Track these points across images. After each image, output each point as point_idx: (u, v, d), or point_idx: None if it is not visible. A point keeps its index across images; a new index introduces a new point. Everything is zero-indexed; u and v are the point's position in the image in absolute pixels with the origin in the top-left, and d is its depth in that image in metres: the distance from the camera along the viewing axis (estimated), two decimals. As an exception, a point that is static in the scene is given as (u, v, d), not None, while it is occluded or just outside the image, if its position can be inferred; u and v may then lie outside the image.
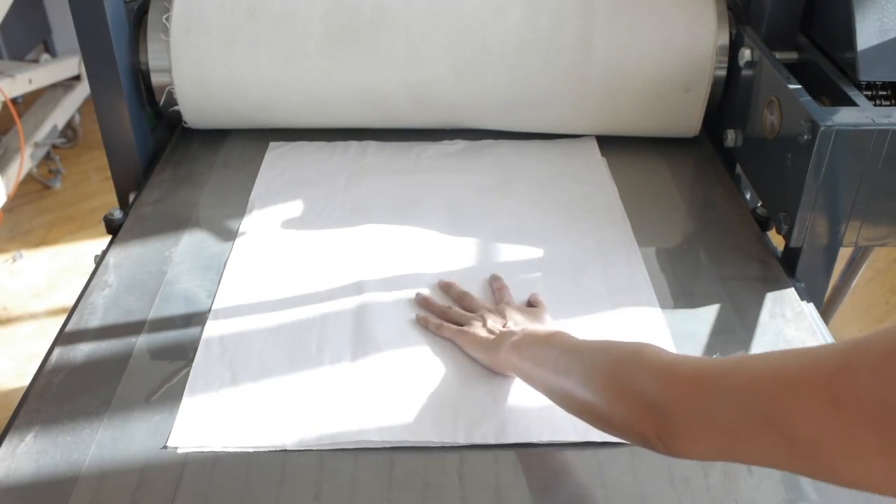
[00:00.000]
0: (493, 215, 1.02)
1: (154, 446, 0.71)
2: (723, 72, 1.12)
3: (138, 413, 0.74)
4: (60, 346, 0.81)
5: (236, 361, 0.80)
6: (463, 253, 0.96)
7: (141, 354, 0.81)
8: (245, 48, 1.10)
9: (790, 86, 0.93)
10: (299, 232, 0.99)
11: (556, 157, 1.15)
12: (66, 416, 0.73)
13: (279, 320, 0.85)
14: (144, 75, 1.13)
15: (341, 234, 0.99)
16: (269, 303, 0.87)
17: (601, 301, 0.89)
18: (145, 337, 0.83)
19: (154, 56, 1.11)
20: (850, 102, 0.92)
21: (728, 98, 1.13)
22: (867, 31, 0.93)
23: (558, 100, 1.13)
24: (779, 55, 1.03)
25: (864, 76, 0.94)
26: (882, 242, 0.93)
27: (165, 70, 1.11)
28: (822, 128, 0.84)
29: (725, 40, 1.11)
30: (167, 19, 1.10)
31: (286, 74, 1.11)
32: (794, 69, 0.99)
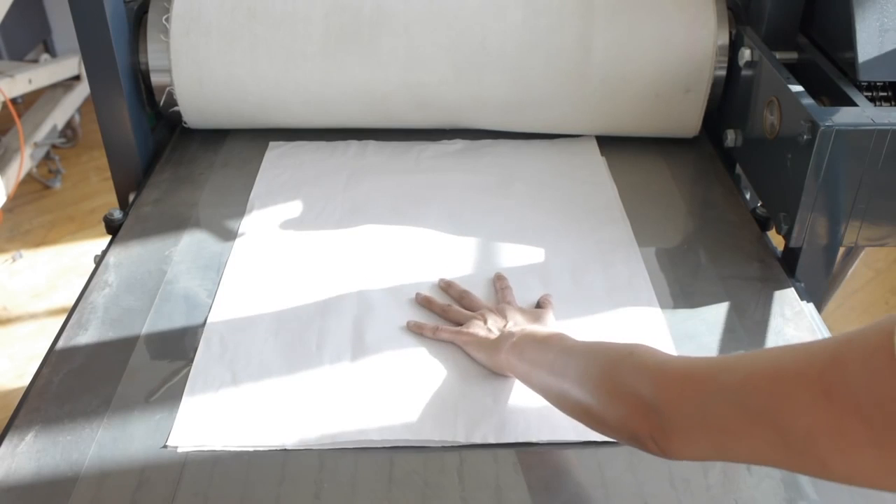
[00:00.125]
0: (493, 215, 1.02)
1: (154, 446, 0.71)
2: (723, 72, 1.12)
3: (138, 413, 0.74)
4: (60, 346, 0.81)
5: (236, 361, 0.80)
6: (462, 252, 0.96)
7: (141, 354, 0.81)
8: (245, 49, 1.10)
9: (790, 86, 0.93)
10: (299, 231, 0.99)
11: (556, 157, 1.15)
12: (67, 416, 0.73)
13: (279, 319, 0.85)
14: (144, 75, 1.13)
15: (341, 234, 0.99)
16: (269, 302, 0.87)
17: (601, 301, 0.89)
18: (145, 336, 0.83)
19: (154, 56, 1.11)
20: (850, 102, 0.92)
21: (728, 98, 1.13)
22: (867, 31, 0.93)
23: (558, 101, 1.13)
24: (779, 55, 1.03)
25: (864, 76, 0.94)
26: (882, 242, 0.93)
27: (165, 70, 1.11)
28: (822, 128, 0.84)
29: (725, 40, 1.11)
30: (167, 20, 1.10)
31: (286, 75, 1.11)
32: (794, 69, 0.99)
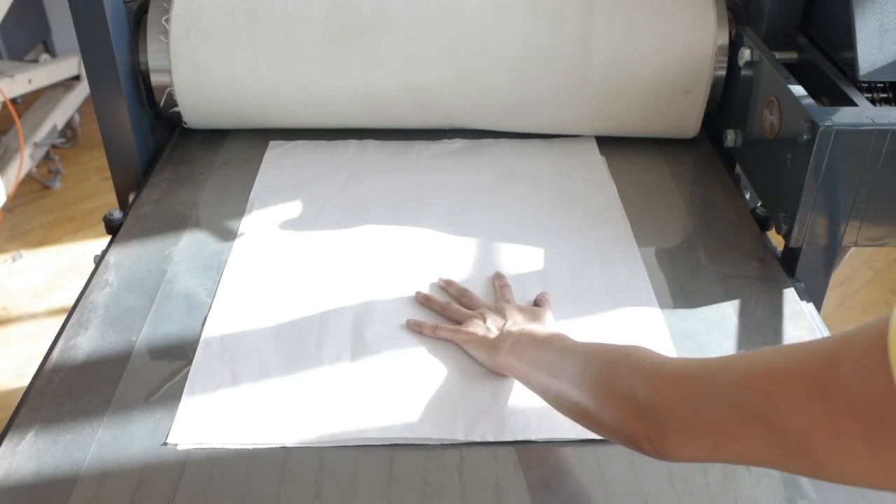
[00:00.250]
0: (493, 214, 1.03)
1: (154, 445, 0.71)
2: (722, 72, 1.12)
3: (138, 412, 0.74)
4: (60, 346, 0.81)
5: (236, 360, 0.80)
6: (462, 251, 0.96)
7: (141, 353, 0.81)
8: (245, 50, 1.10)
9: (790, 86, 0.93)
10: (299, 231, 0.99)
11: (556, 157, 1.15)
12: (67, 415, 0.73)
13: (279, 318, 0.85)
14: (144, 76, 1.13)
15: (341, 233, 0.99)
16: (269, 301, 0.87)
17: (600, 300, 0.89)
18: (145, 336, 0.83)
19: (154, 57, 1.11)
20: (850, 102, 0.92)
21: (728, 98, 1.13)
22: (867, 31, 0.94)
23: (558, 102, 1.13)
24: (779, 55, 1.03)
25: (864, 76, 0.94)
26: (882, 242, 0.93)
27: (165, 70, 1.11)
28: (822, 128, 0.84)
29: (725, 40, 1.11)
30: (167, 21, 1.10)
31: (286, 77, 1.11)
32: (794, 69, 0.99)
